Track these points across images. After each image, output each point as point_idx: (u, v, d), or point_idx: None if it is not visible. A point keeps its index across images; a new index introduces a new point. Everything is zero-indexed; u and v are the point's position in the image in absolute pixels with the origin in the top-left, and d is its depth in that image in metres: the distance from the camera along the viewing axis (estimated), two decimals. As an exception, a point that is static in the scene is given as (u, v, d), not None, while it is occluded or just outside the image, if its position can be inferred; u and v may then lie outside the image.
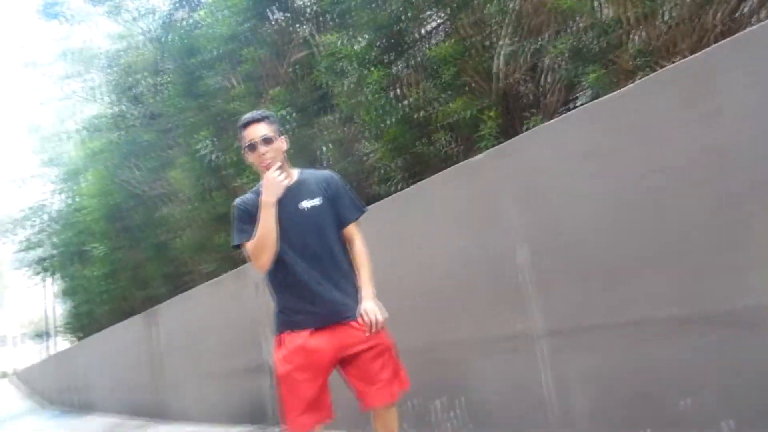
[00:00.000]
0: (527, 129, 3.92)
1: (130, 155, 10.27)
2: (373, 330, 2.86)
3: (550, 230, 3.49)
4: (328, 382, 2.85)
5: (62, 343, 24.85)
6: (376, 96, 4.95)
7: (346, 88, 5.45)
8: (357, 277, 2.98)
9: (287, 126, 6.10)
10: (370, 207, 4.96)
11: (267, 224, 2.71)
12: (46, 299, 29.07)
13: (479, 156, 3.95)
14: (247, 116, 2.91)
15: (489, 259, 3.84)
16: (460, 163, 4.12)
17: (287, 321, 2.84)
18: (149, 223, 10.19)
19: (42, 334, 41.91)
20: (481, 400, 3.95)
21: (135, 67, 9.74)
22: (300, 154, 6.08)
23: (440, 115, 4.60)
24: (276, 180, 2.73)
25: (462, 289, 4.04)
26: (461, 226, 4.05)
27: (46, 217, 19.13)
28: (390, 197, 4.77)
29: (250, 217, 2.79)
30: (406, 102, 5.06)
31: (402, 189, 4.76)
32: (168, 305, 9.13)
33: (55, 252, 18.63)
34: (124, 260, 11.43)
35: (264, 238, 2.72)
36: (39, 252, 20.21)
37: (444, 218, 4.20)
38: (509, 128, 4.30)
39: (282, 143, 2.93)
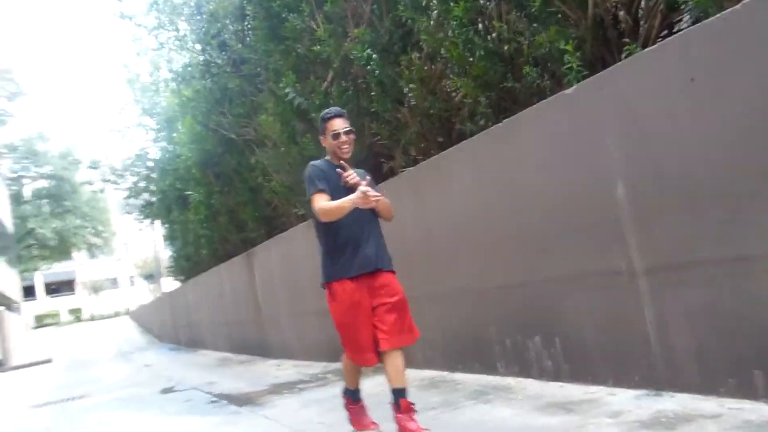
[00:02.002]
0: (624, 57, 3.69)
1: (220, 102, 10.52)
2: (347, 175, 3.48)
3: (651, 162, 3.33)
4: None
5: (169, 283, 26.47)
6: (461, 30, 4.79)
7: (430, 23, 5.30)
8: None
9: (371, 66, 6.05)
10: (459, 145, 4.92)
11: (343, 210, 3.36)
12: (154, 243, 30.90)
13: (573, 88, 3.78)
14: (332, 111, 3.64)
15: (586, 194, 3.72)
16: (554, 96, 3.96)
17: (337, 269, 3.53)
18: (242, 167, 10.51)
19: (151, 276, 44.79)
20: (579, 338, 3.91)
21: (220, 14, 9.85)
22: (385, 95, 6.04)
23: (529, 48, 4.40)
24: (370, 200, 3.28)
25: (558, 226, 3.96)
26: (556, 161, 3.93)
27: (148, 164, 20.10)
28: (480, 134, 4.68)
29: (323, 174, 3.52)
30: (492, 36, 4.87)
31: (490, 126, 4.65)
32: (264, 247, 9.48)
33: (156, 198, 19.62)
34: (220, 205, 11.89)
35: (336, 213, 3.40)
36: (143, 198, 21.38)
37: (538, 154, 4.09)
38: (605, 57, 4.07)
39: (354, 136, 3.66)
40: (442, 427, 3.72)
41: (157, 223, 22.89)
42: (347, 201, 3.33)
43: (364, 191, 3.23)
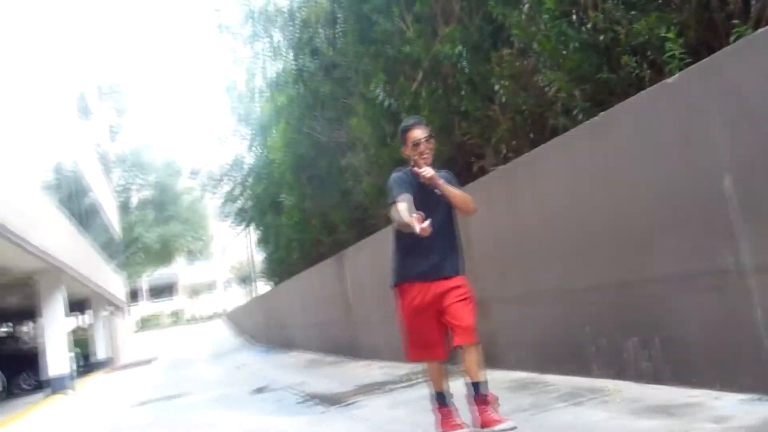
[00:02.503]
0: (733, 41, 3.49)
1: (312, 107, 10.80)
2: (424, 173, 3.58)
3: (761, 153, 3.13)
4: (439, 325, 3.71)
5: (262, 286, 27.32)
6: (554, 23, 4.69)
7: (521, 17, 5.22)
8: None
9: (461, 64, 6.02)
10: (552, 141, 4.81)
11: (405, 227, 3.46)
12: (248, 247, 32.01)
13: (677, 76, 3.61)
14: (411, 120, 3.87)
15: (692, 189, 3.54)
16: (655, 85, 3.79)
17: (406, 274, 3.75)
18: (333, 171, 10.71)
19: (245, 279, 46.35)
20: (681, 340, 3.72)
21: (312, 21, 10.11)
22: (475, 93, 6.00)
23: (627, 37, 4.24)
24: (422, 229, 3.33)
25: (662, 222, 3.78)
26: (657, 154, 3.76)
27: (243, 171, 20.86)
28: (575, 129, 4.55)
29: (406, 183, 3.68)
30: (587, 26, 4.73)
31: (585, 120, 4.51)
32: (355, 249, 9.60)
33: (251, 203, 20.33)
34: (312, 208, 12.17)
35: (402, 226, 3.51)
36: (238, 204, 22.20)
37: (637, 147, 3.92)
38: (710, 42, 3.86)
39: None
40: (533, 429, 3.63)
41: (252, 227, 23.69)
42: (411, 226, 3.38)
43: (419, 230, 3.33)
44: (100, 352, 21.90)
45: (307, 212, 12.58)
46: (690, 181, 3.55)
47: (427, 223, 3.34)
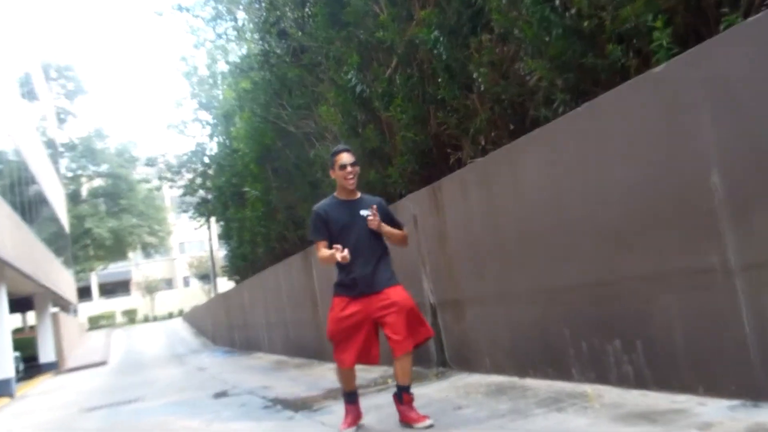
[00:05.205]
0: (723, 30, 3.53)
1: (279, 94, 10.70)
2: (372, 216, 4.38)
3: (751, 148, 3.17)
4: (373, 334, 4.42)
5: (224, 283, 27.12)
6: (536, 7, 4.69)
7: (501, 2, 5.21)
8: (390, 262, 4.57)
9: (437, 50, 6.02)
10: (532, 132, 4.83)
11: (329, 261, 4.31)
12: (209, 242, 31.72)
13: (663, 65, 3.63)
14: (340, 147, 4.65)
15: (676, 184, 3.57)
16: (641, 75, 3.81)
17: (342, 288, 4.40)
18: (301, 162, 10.63)
19: (206, 276, 45.93)
20: (664, 343, 3.76)
21: (279, 1, 10.00)
22: (452, 81, 5.99)
23: (613, 23, 4.26)
24: (343, 257, 4.15)
25: (644, 219, 3.81)
26: (643, 147, 3.79)
27: (204, 161, 20.68)
28: (557, 120, 4.57)
29: (323, 221, 4.46)
30: (571, 12, 4.74)
31: (567, 111, 4.53)
32: (323, 245, 9.54)
33: (212, 195, 20.16)
34: (278, 201, 12.07)
35: (326, 263, 4.42)
36: (199, 195, 22.00)
37: (621, 140, 3.95)
38: (699, 30, 3.90)
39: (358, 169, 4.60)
40: (511, 436, 3.65)
41: (213, 221, 23.49)
42: (330, 258, 4.26)
43: (340, 259, 4.13)
44: (46, 354, 21.49)
45: (272, 205, 12.48)
46: (675, 176, 3.58)
47: (345, 251, 4.12)
